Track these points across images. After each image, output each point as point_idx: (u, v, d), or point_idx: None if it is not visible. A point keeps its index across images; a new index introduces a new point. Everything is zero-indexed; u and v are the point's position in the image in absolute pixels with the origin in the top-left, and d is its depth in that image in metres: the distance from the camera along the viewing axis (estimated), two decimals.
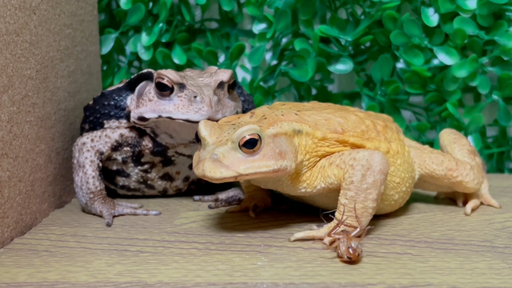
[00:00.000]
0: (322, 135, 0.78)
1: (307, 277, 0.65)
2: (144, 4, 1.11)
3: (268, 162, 0.72)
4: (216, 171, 0.71)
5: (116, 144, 0.88)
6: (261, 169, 0.72)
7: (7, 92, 0.76)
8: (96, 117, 0.92)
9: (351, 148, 0.79)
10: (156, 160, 0.90)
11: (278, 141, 0.74)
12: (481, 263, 0.69)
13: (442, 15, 1.07)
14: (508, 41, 1.05)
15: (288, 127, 0.75)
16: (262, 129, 0.73)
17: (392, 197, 0.83)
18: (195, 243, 0.76)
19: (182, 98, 0.82)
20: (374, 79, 1.12)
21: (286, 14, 1.09)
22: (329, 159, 0.78)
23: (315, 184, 0.78)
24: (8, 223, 0.77)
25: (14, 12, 0.77)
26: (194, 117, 0.81)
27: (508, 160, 1.16)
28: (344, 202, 0.75)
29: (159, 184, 0.93)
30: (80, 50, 0.99)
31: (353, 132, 0.80)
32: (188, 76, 0.86)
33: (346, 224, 0.74)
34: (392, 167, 0.82)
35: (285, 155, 0.74)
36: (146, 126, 0.87)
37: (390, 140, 0.83)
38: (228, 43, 1.17)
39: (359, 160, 0.75)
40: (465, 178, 0.86)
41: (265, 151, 0.73)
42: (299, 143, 0.76)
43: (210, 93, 0.82)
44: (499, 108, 1.11)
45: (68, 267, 0.68)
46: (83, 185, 0.87)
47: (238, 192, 0.92)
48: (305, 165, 0.77)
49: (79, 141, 0.88)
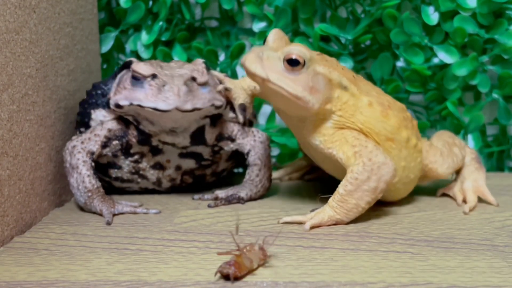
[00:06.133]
0: (368, 101, 0.81)
1: (307, 276, 0.65)
2: (144, 2, 1.11)
3: (296, 87, 0.77)
4: (253, 65, 0.77)
5: (105, 140, 0.89)
6: (288, 87, 0.76)
7: (7, 91, 0.76)
8: (85, 107, 0.93)
9: (386, 136, 0.82)
10: (145, 150, 0.91)
11: (318, 80, 0.78)
12: (481, 262, 0.69)
13: (442, 13, 1.07)
14: (508, 40, 1.05)
15: (336, 78, 0.80)
16: (312, 60, 0.78)
17: (399, 191, 0.87)
18: (195, 241, 0.76)
19: (153, 87, 0.82)
20: (374, 77, 1.12)
21: (286, 12, 1.09)
22: (354, 140, 0.80)
23: (329, 145, 0.81)
24: (8, 222, 0.77)
25: (14, 11, 0.77)
26: (161, 105, 0.81)
27: (508, 158, 1.16)
28: (341, 192, 0.79)
29: (151, 173, 0.93)
30: (80, 49, 0.99)
31: (396, 113, 0.84)
32: (166, 66, 0.87)
33: (332, 219, 0.79)
34: (413, 163, 0.86)
35: (315, 93, 0.78)
36: (127, 114, 0.88)
37: (419, 138, 0.88)
38: (228, 41, 1.17)
39: (373, 163, 0.78)
40: (434, 165, 0.90)
41: (301, 78, 0.77)
42: (339, 96, 0.80)
43: (179, 83, 0.81)
44: (499, 107, 1.11)
45: (68, 265, 0.68)
46: (80, 185, 0.87)
47: (238, 191, 0.92)
48: (333, 120, 0.80)
49: (69, 145, 0.89)
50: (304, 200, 0.94)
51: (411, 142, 0.85)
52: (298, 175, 1.08)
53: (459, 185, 0.94)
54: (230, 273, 0.63)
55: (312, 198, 0.94)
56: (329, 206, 0.80)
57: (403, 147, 0.84)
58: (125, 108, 0.85)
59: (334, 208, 0.80)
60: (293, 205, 0.91)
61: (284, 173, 1.08)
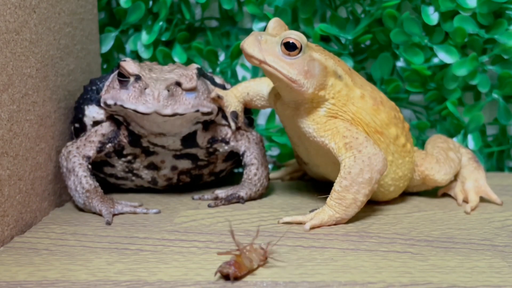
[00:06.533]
0: (361, 93, 0.83)
1: (307, 276, 0.65)
2: (144, 2, 1.11)
3: (291, 70, 0.79)
4: (251, 47, 0.79)
5: (100, 146, 0.89)
6: (283, 70, 0.79)
7: (7, 91, 0.76)
8: (79, 102, 0.93)
9: (375, 129, 0.84)
10: (137, 151, 0.91)
11: (313, 65, 0.80)
12: (481, 262, 0.69)
13: (442, 13, 1.07)
14: (508, 40, 1.05)
15: (331, 66, 0.82)
16: (309, 46, 0.80)
17: (389, 188, 0.88)
18: (195, 241, 0.76)
19: (136, 89, 0.83)
20: (374, 77, 1.12)
21: (286, 12, 1.09)
22: (345, 130, 0.81)
23: (322, 134, 0.82)
24: (8, 222, 0.77)
25: (14, 11, 0.77)
26: (140, 108, 0.82)
27: (508, 158, 1.17)
28: (337, 189, 0.80)
29: (145, 173, 0.94)
30: (80, 49, 0.99)
31: (388, 110, 0.86)
32: (157, 69, 0.87)
33: (333, 219, 0.80)
34: (400, 160, 0.87)
35: (310, 77, 0.80)
36: (118, 114, 0.88)
37: (409, 140, 0.89)
38: (228, 41, 1.17)
39: (363, 155, 0.79)
40: (430, 172, 0.90)
41: (297, 62, 0.79)
42: (333, 85, 0.82)
43: (161, 87, 0.81)
44: (499, 107, 1.11)
45: (68, 265, 0.68)
46: (77, 186, 0.87)
47: (237, 190, 0.92)
48: (326, 108, 0.82)
49: (64, 151, 0.89)
50: (305, 200, 0.94)
51: (400, 140, 0.87)
52: (299, 174, 1.08)
53: (460, 185, 0.94)
54: (230, 273, 0.63)
55: (313, 198, 0.94)
56: (327, 206, 0.81)
57: (391, 143, 0.86)
58: (112, 107, 0.86)
59: (333, 207, 0.80)
60: (293, 205, 0.91)
61: (285, 173, 1.08)
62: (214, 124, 0.92)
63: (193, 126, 0.89)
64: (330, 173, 0.88)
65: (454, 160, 0.92)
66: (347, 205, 0.79)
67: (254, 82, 0.94)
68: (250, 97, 0.93)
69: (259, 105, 0.94)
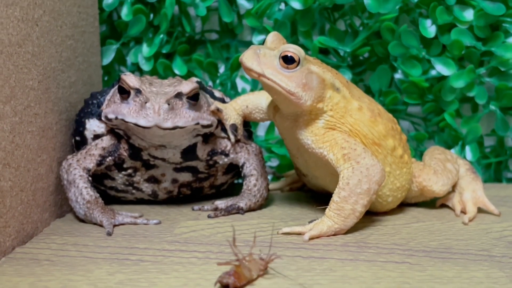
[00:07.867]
0: (359, 105, 0.84)
1: (306, 286, 0.65)
2: (145, 15, 1.12)
3: (290, 83, 0.80)
4: (250, 61, 0.80)
5: (100, 159, 0.90)
6: (281, 82, 0.80)
7: (9, 103, 0.77)
8: (80, 115, 0.94)
9: (373, 140, 0.85)
10: (137, 165, 0.91)
11: (311, 78, 0.81)
12: (478, 272, 0.69)
13: (440, 26, 1.08)
14: (505, 52, 1.06)
15: (329, 78, 0.83)
16: (307, 60, 0.82)
17: (387, 198, 0.89)
18: (195, 252, 0.76)
19: (136, 103, 0.84)
20: (373, 89, 1.13)
21: (285, 25, 1.10)
22: (343, 142, 0.82)
23: (320, 145, 0.83)
24: (9, 233, 0.77)
25: (17, 24, 0.78)
26: (141, 122, 0.82)
27: (506, 169, 1.17)
28: (336, 200, 0.80)
29: (146, 186, 0.94)
30: (82, 61, 1.00)
31: (386, 122, 0.87)
32: (157, 83, 0.88)
33: (334, 230, 0.81)
34: (398, 171, 0.88)
35: (308, 90, 0.81)
36: (119, 128, 0.89)
37: (406, 151, 0.90)
38: (228, 54, 1.18)
39: (361, 166, 0.80)
40: (428, 183, 0.91)
41: (295, 75, 0.80)
42: (331, 97, 0.83)
43: (161, 101, 0.82)
44: (496, 118, 1.12)
45: (69, 276, 0.69)
46: (78, 198, 0.88)
47: (237, 201, 0.93)
48: (324, 120, 0.83)
49: (65, 164, 0.90)
50: (304, 210, 0.94)
51: (397, 151, 0.87)
52: (298, 185, 1.08)
53: (457, 196, 0.94)
54: (230, 283, 0.63)
55: (312, 209, 0.94)
56: (326, 217, 0.81)
57: (389, 154, 0.87)
58: (113, 121, 0.86)
59: (332, 218, 0.81)
60: (292, 215, 0.92)
61: (284, 184, 1.09)
62: (214, 137, 0.93)
63: (193, 138, 0.89)
64: (329, 184, 0.89)
65: (451, 171, 0.93)
66: (345, 216, 0.80)
67: (253, 95, 0.96)
68: (249, 110, 0.94)
69: (258, 118, 0.95)
